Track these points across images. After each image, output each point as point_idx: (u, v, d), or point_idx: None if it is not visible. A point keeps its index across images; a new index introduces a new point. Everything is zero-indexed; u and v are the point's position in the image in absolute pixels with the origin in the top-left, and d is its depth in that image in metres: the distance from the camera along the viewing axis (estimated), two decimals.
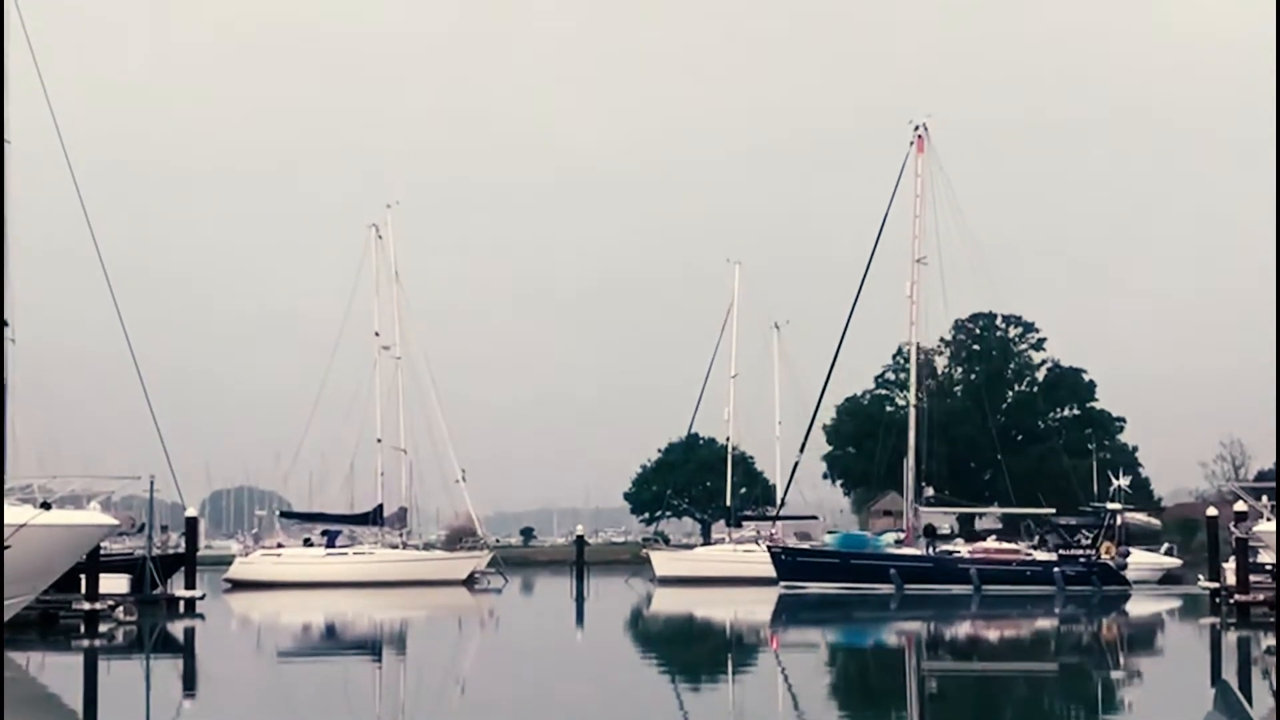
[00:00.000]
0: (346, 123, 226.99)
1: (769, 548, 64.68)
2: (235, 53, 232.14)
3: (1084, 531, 63.40)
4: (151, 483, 46.61)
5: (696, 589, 66.21)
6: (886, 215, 64.88)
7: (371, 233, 77.17)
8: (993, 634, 42.06)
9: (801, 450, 66.75)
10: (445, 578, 69.93)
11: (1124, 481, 66.45)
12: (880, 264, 64.81)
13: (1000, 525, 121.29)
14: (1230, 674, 27.53)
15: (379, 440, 74.96)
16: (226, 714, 23.15)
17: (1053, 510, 70.67)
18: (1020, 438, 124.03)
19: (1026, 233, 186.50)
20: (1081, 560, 61.27)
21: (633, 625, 46.43)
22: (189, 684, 27.96)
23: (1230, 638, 36.89)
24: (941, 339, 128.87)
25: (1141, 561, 73.15)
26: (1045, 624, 45.63)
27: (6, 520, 30.23)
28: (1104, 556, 61.23)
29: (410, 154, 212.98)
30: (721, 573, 71.10)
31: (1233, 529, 45.28)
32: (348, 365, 75.06)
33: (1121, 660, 32.34)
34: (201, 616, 45.35)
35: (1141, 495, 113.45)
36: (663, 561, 77.09)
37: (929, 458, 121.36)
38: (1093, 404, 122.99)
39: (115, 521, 35.79)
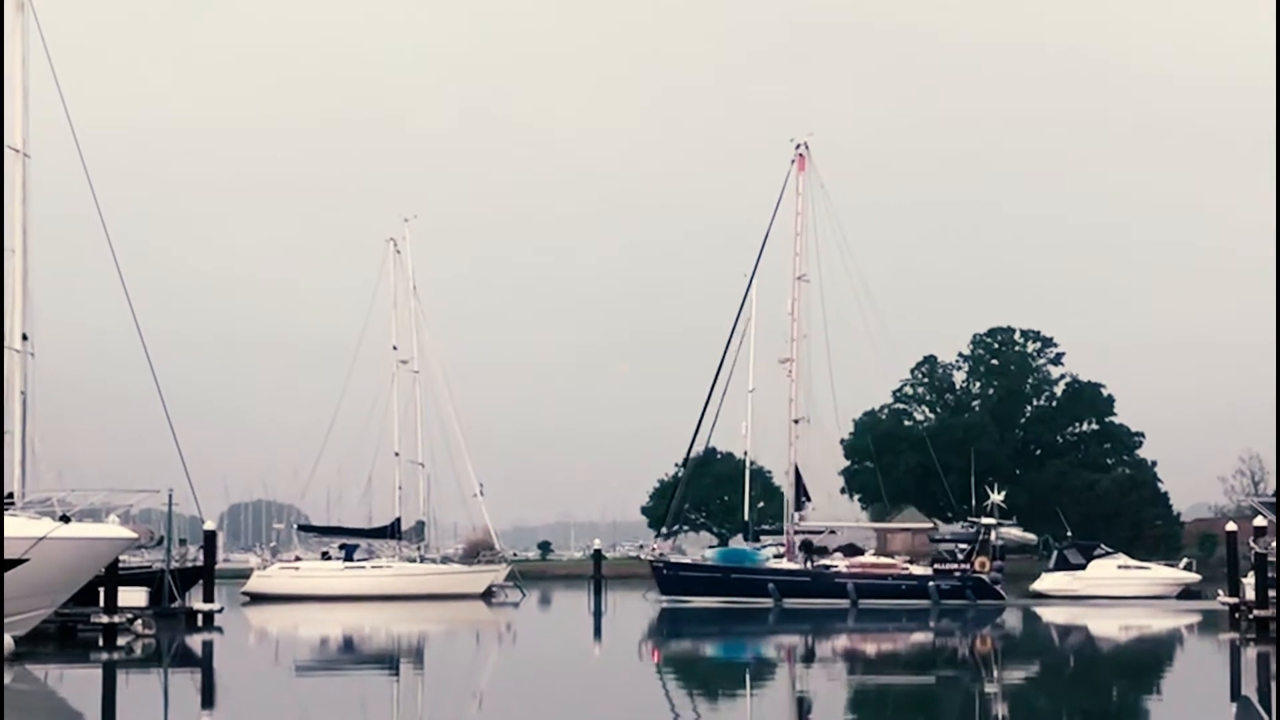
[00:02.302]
0: (365, 137, 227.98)
1: (651, 562, 64.68)
2: (252, 71, 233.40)
3: (960, 546, 64.09)
4: (170, 496, 46.73)
5: None
6: (768, 233, 65.48)
7: (389, 247, 77.41)
8: (928, 648, 41.95)
9: (684, 465, 66.26)
10: (462, 591, 69.92)
11: (999, 497, 66.92)
12: (891, 280, 64.54)
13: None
14: (1250, 690, 27.42)
15: (397, 454, 75.10)
16: None
17: (932, 525, 70.63)
18: (1039, 453, 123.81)
19: (1036, 245, 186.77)
20: (956, 574, 61.76)
21: (650, 640, 46.31)
22: (207, 697, 27.98)
23: (1250, 653, 36.70)
24: (960, 354, 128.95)
25: (1159, 576, 73.01)
26: (922, 638, 45.68)
27: (26, 533, 30.38)
28: (978, 571, 61.37)
29: (429, 169, 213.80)
30: None
31: (1252, 544, 45.11)
32: (366, 379, 75.29)
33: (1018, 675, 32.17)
34: (219, 630, 45.39)
35: (1160, 510, 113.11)
36: None
37: (947, 472, 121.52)
38: (1111, 419, 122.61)
39: (134, 535, 35.84)
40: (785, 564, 63.55)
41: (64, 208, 46.39)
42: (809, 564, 63.01)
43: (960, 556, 62.80)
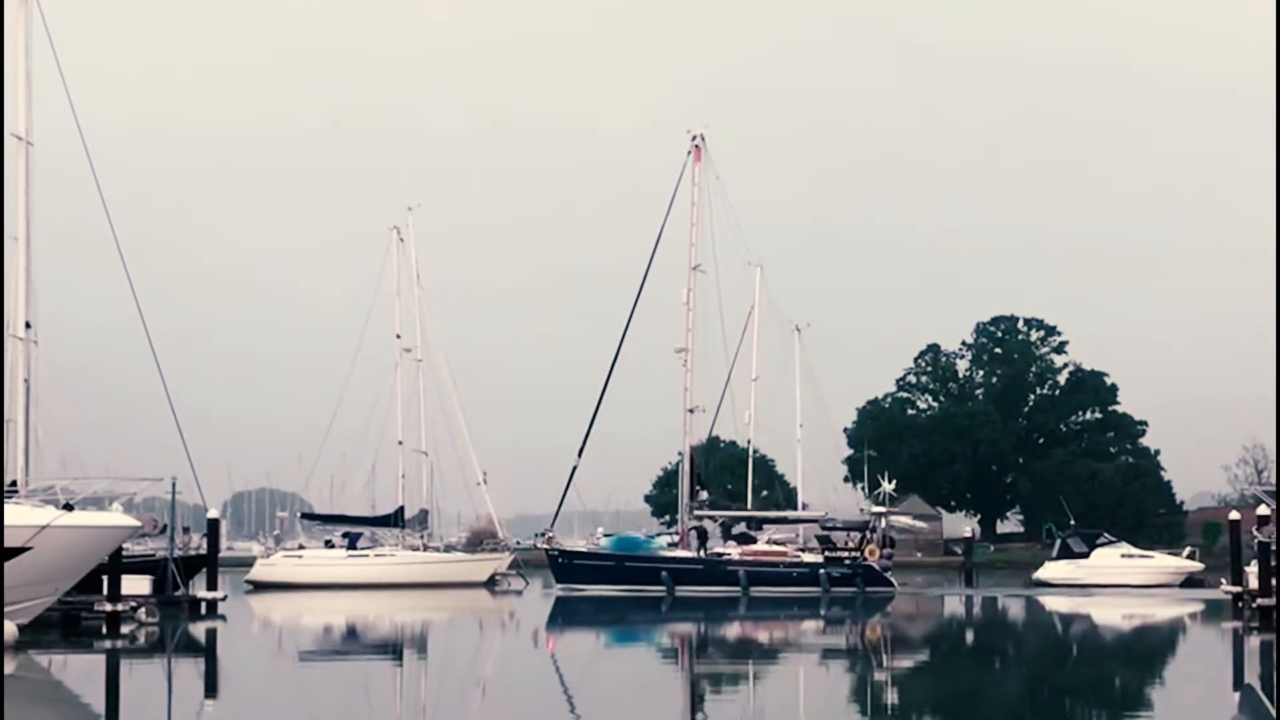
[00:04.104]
0: (370, 125, 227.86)
1: (546, 551, 64.81)
2: (259, 57, 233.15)
3: (851, 534, 64.54)
4: (173, 484, 46.75)
5: None
6: (664, 224, 65.80)
7: (393, 235, 77.38)
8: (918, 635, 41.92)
9: (580, 454, 65.96)
10: (466, 580, 69.96)
11: (889, 486, 67.17)
12: (893, 271, 64.66)
13: (1022, 529, 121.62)
14: (1253, 678, 27.42)
15: (400, 442, 75.10)
16: (248, 716, 23.21)
17: (823, 513, 71.23)
18: (1042, 441, 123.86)
19: (1040, 235, 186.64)
20: (846, 562, 61.96)
21: (650, 626, 46.33)
22: (211, 685, 28.01)
23: (1253, 642, 36.72)
24: (963, 342, 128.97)
25: (1163, 565, 73.03)
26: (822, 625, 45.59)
27: (30, 522, 30.44)
28: (869, 559, 61.62)
29: (433, 157, 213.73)
30: None
31: (1255, 533, 45.09)
32: (369, 367, 75.31)
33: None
34: (223, 618, 45.44)
35: (1164, 498, 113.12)
36: None
37: (951, 461, 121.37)
38: (1115, 407, 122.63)
39: (137, 523, 35.90)
40: (679, 552, 63.91)
41: (67, 201, 46.39)
42: (701, 552, 63.37)
43: (851, 544, 63.23)
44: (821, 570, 61.36)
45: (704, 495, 66.35)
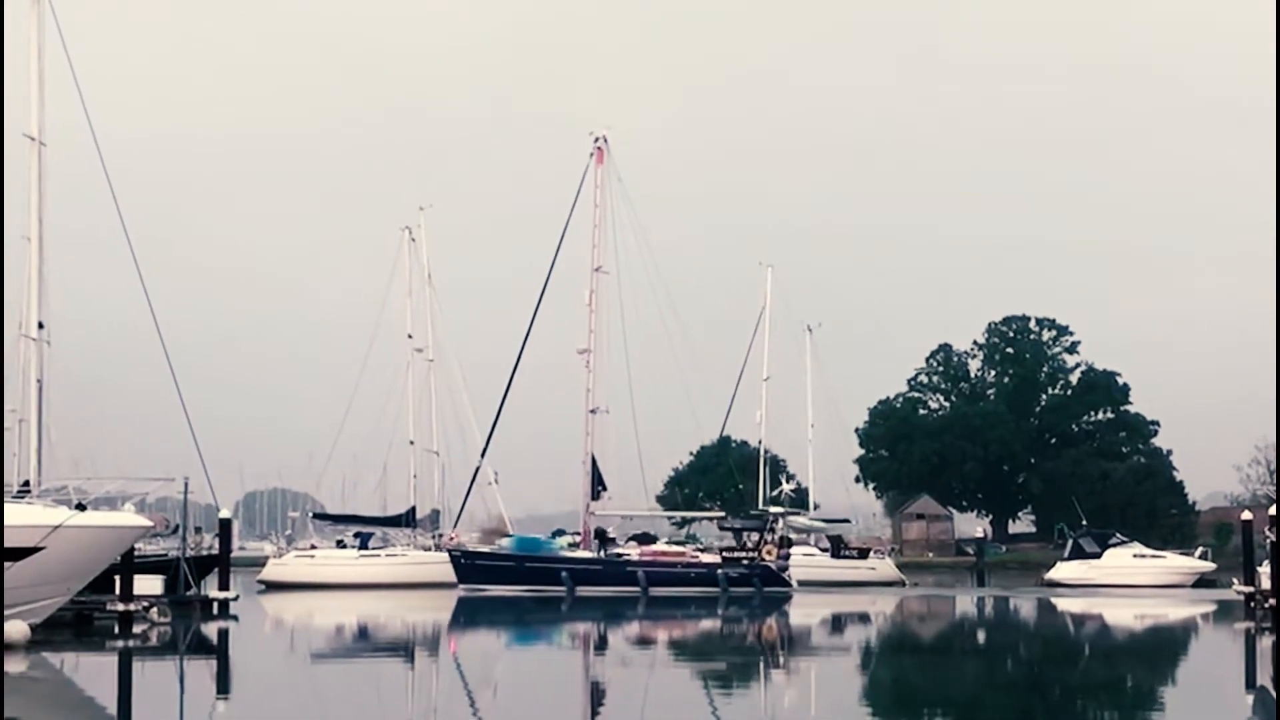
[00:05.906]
0: (382, 125, 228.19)
1: (449, 550, 64.72)
2: (270, 59, 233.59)
3: (749, 534, 64.81)
4: (185, 484, 46.75)
5: None
6: (567, 226, 65.90)
7: (404, 235, 77.41)
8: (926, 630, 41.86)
9: (483, 455, 65.84)
10: None
11: (789, 486, 67.41)
12: (903, 270, 64.55)
13: (1034, 529, 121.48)
14: (1265, 678, 27.38)
15: (412, 442, 75.11)
16: (260, 716, 23.25)
17: (723, 514, 71.08)
18: (1054, 441, 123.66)
19: (1050, 234, 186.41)
20: (744, 563, 62.12)
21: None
22: (223, 685, 28.03)
23: (1265, 642, 36.62)
24: (975, 342, 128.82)
25: (1175, 565, 72.88)
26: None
27: (43, 521, 30.54)
28: (766, 559, 61.76)
29: (444, 156, 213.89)
30: None
31: (1267, 533, 44.98)
32: (381, 367, 75.37)
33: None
34: (235, 618, 45.45)
35: (1176, 498, 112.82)
36: None
37: (963, 461, 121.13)
38: (1127, 407, 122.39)
39: (149, 523, 35.97)
40: (579, 552, 64.13)
41: (79, 202, 46.44)
42: (602, 552, 63.62)
43: (750, 545, 63.45)
44: (719, 570, 61.52)
45: (606, 496, 66.70)
